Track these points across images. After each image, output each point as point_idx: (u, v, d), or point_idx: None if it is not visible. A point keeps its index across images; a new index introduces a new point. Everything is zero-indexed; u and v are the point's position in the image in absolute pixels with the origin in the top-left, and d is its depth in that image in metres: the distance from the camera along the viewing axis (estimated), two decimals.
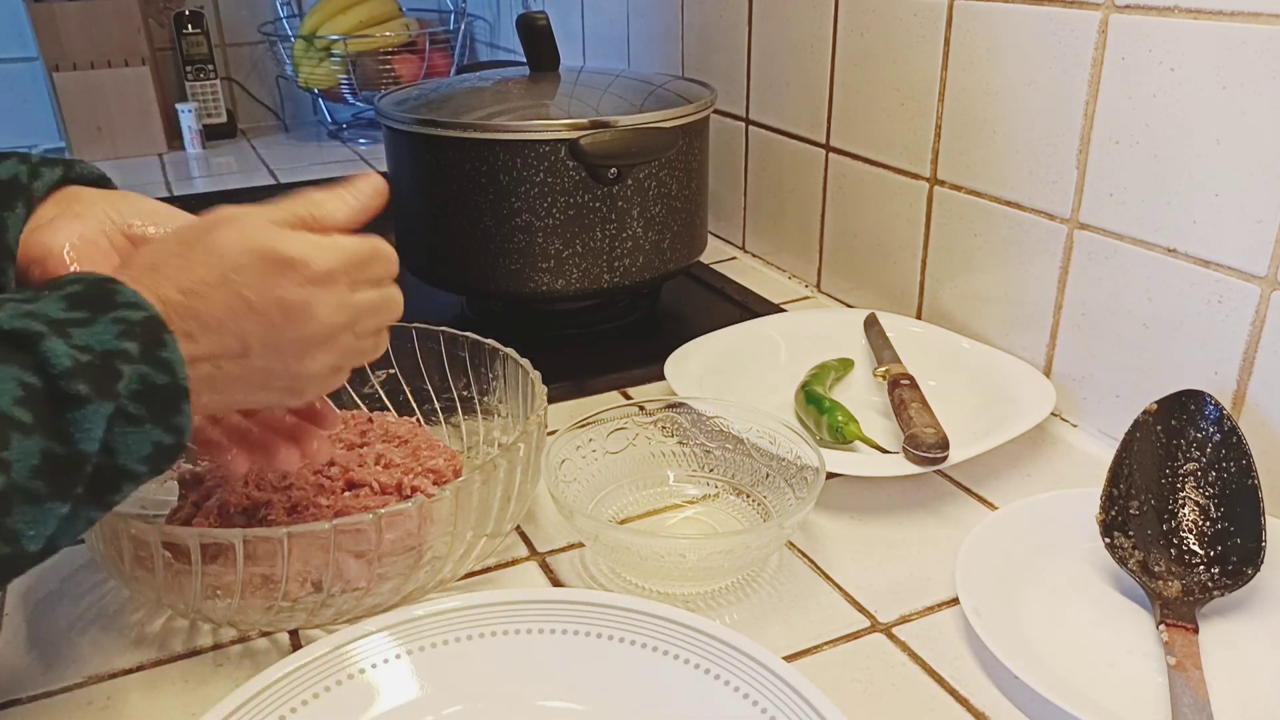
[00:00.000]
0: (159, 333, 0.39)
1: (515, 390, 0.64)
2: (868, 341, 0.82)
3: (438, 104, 0.84)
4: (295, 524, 0.52)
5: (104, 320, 0.38)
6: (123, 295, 0.40)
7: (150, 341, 0.39)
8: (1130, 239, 0.66)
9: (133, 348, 0.38)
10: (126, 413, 0.38)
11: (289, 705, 0.44)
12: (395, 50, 1.66)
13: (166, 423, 0.39)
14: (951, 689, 0.50)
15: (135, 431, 0.38)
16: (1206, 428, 0.57)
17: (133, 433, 0.38)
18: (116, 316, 0.39)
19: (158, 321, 0.40)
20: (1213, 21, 0.58)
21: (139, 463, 0.39)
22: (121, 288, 0.40)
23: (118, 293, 0.40)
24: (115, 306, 0.39)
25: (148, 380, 0.38)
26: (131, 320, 0.39)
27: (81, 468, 0.37)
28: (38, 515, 0.36)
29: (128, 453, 0.38)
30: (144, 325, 0.39)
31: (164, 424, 0.39)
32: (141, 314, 0.39)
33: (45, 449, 0.36)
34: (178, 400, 0.40)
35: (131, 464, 0.39)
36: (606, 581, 0.58)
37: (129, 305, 0.39)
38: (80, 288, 0.39)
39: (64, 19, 1.54)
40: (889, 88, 0.84)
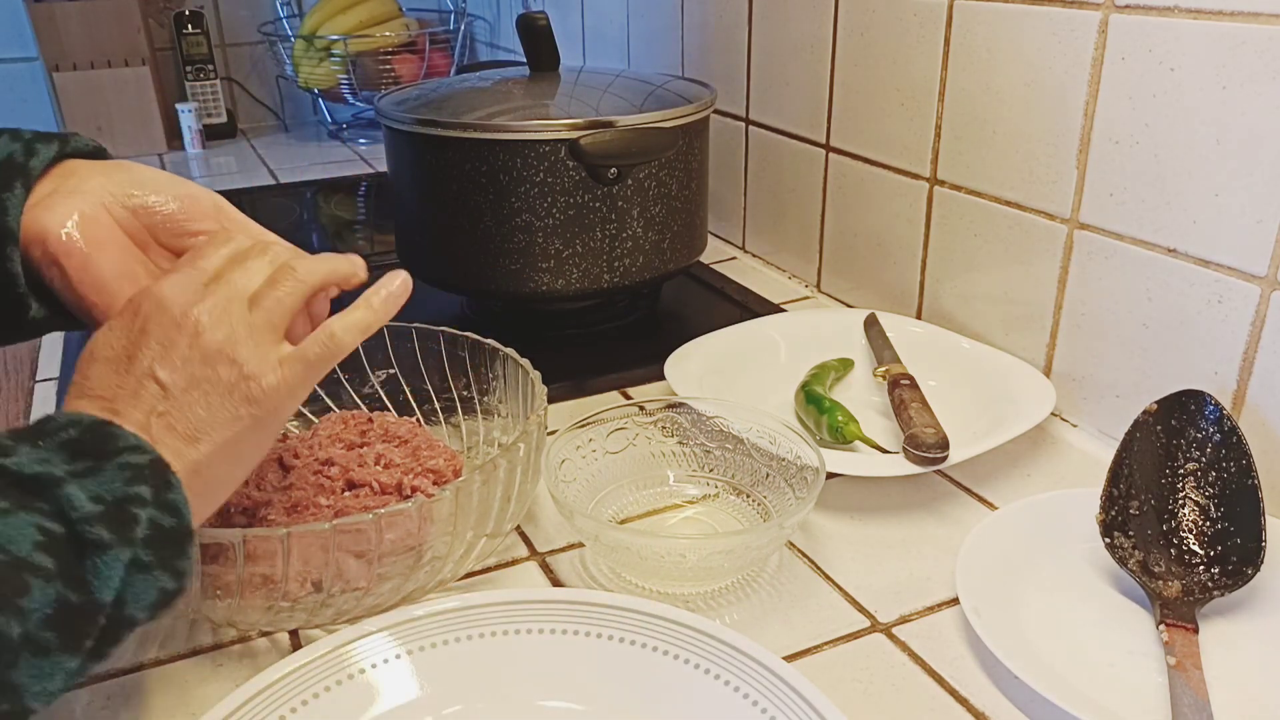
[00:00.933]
0: (165, 475, 0.39)
1: (515, 390, 0.64)
2: (868, 341, 0.82)
3: (438, 104, 0.84)
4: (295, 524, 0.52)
5: (110, 467, 0.38)
6: (124, 439, 0.39)
7: (159, 484, 0.38)
8: (1130, 239, 0.66)
9: (145, 491, 0.38)
10: (140, 560, 0.37)
11: (289, 705, 0.44)
12: (395, 50, 1.66)
13: (173, 568, 0.38)
14: (951, 689, 0.50)
15: (145, 578, 0.37)
16: (1206, 428, 0.57)
17: (142, 579, 0.37)
18: (122, 462, 0.38)
19: (161, 463, 0.39)
20: (1213, 21, 0.58)
21: (144, 610, 0.38)
22: (121, 431, 0.39)
23: (118, 436, 0.39)
24: (119, 451, 0.38)
25: (156, 524, 0.38)
26: (138, 464, 0.38)
27: (95, 618, 0.36)
28: (45, 669, 0.34)
29: (136, 601, 0.37)
30: (151, 468, 0.39)
31: (170, 569, 0.38)
32: (146, 457, 0.39)
33: (61, 597, 0.34)
34: (184, 544, 0.39)
35: (137, 612, 0.38)
36: (606, 581, 0.58)
37: (132, 449, 0.39)
38: (77, 433, 0.38)
39: (64, 19, 1.54)
40: (889, 88, 0.84)
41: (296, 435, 0.65)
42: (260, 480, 0.58)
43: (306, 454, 0.61)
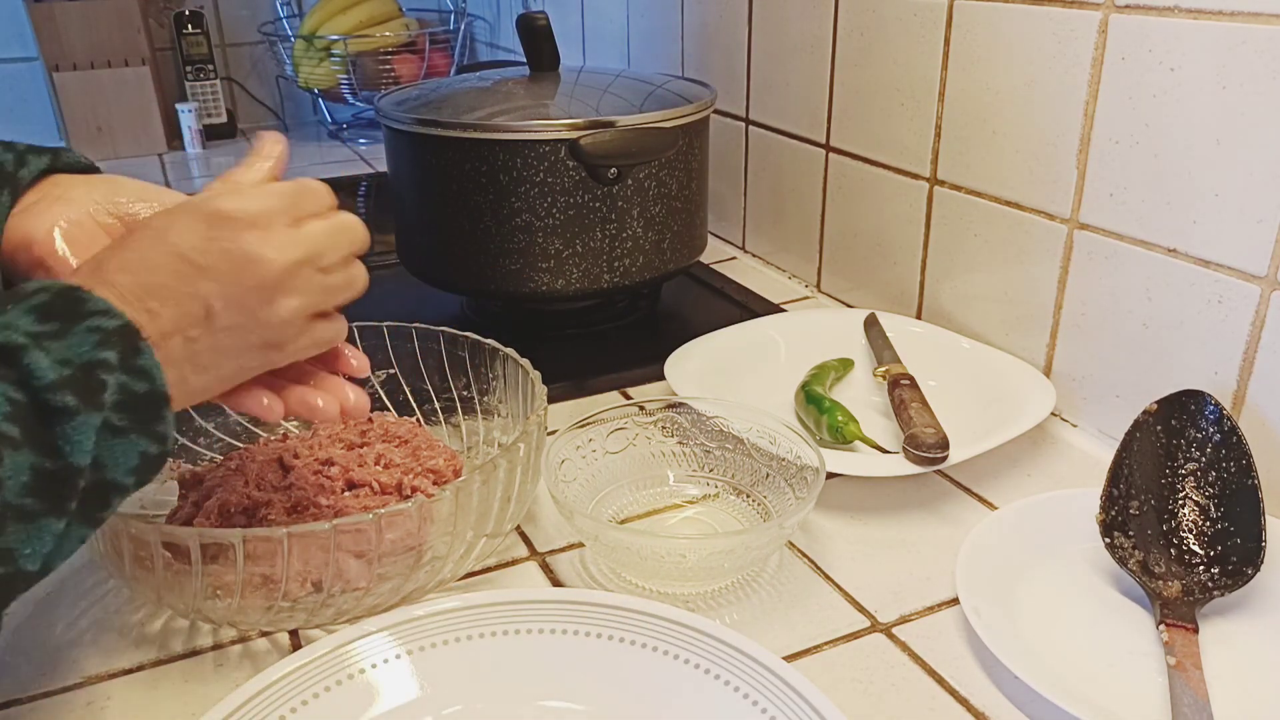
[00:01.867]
0: (134, 340, 0.39)
1: (515, 390, 0.64)
2: (868, 341, 0.82)
3: (438, 104, 0.84)
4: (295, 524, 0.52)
5: (78, 330, 0.37)
6: (93, 303, 0.39)
7: (127, 349, 0.38)
8: (1130, 239, 0.66)
9: (112, 356, 0.38)
10: (112, 424, 0.37)
11: (289, 705, 0.44)
12: (395, 50, 1.66)
13: (151, 431, 0.39)
14: (951, 689, 0.50)
15: (122, 443, 0.38)
16: (1206, 428, 0.57)
17: (119, 444, 0.38)
18: (91, 325, 0.38)
19: (131, 329, 0.39)
20: (1213, 21, 0.58)
21: (126, 474, 0.39)
22: (90, 296, 0.39)
23: (87, 300, 0.39)
24: (87, 315, 0.38)
25: (128, 389, 0.38)
26: (106, 329, 0.38)
27: (74, 482, 0.36)
28: (33, 533, 0.35)
29: (115, 465, 0.38)
30: (119, 333, 0.38)
31: (148, 433, 0.39)
32: (115, 321, 0.39)
33: (35, 464, 0.35)
34: (159, 407, 0.39)
35: (120, 476, 0.38)
36: (606, 581, 0.58)
37: (101, 313, 0.39)
38: (47, 297, 0.38)
39: (64, 19, 1.54)
40: (889, 88, 0.84)
41: (296, 435, 0.65)
42: (260, 480, 0.58)
43: (306, 454, 0.61)
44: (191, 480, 0.60)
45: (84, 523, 0.38)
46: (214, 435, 0.66)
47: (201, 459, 0.65)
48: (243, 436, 0.68)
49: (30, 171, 0.50)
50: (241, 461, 0.60)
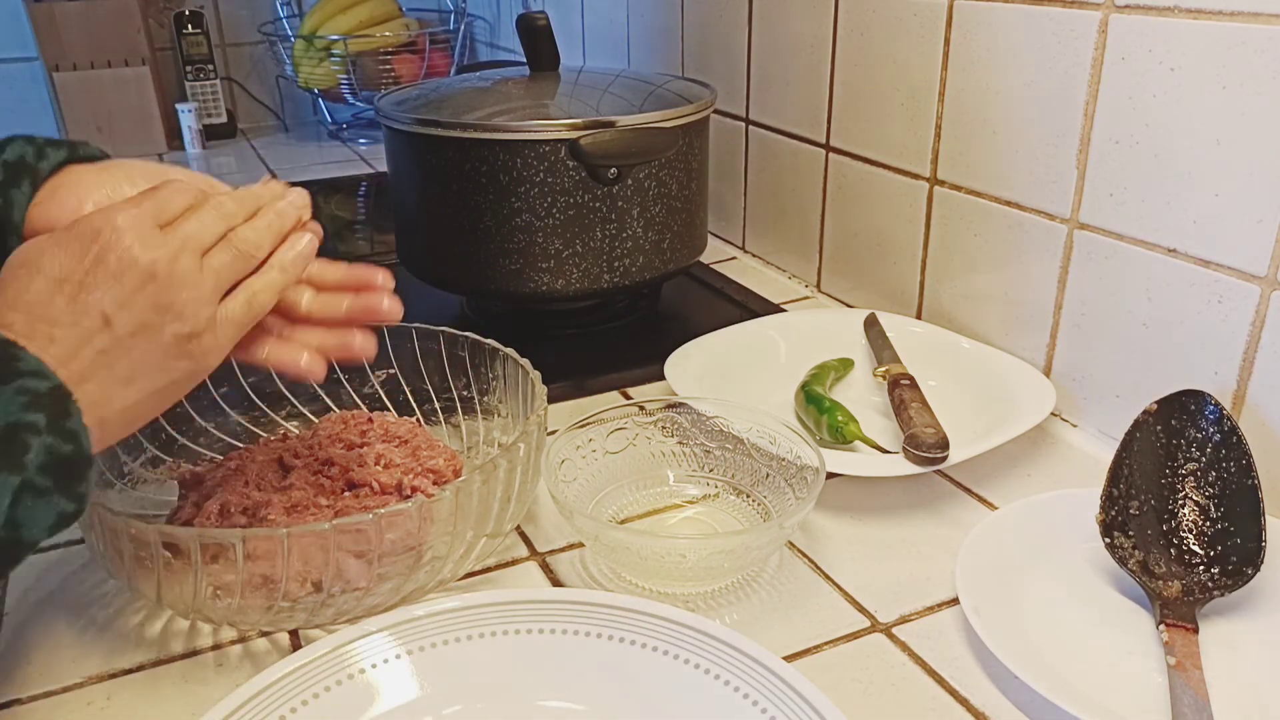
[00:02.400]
0: (64, 402, 0.39)
1: (515, 390, 0.64)
2: (868, 341, 0.82)
3: (438, 104, 0.84)
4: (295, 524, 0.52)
5: (8, 390, 0.38)
6: (25, 363, 0.39)
7: (57, 412, 0.39)
8: (1130, 239, 0.66)
9: (39, 420, 0.38)
10: (34, 485, 0.37)
11: (289, 705, 0.44)
12: (395, 50, 1.66)
13: (71, 492, 0.39)
14: (951, 689, 0.50)
15: (42, 503, 0.38)
16: (1206, 428, 0.57)
17: (40, 505, 0.38)
18: (21, 386, 0.38)
19: (63, 391, 0.39)
20: (1213, 21, 0.58)
21: (41, 531, 0.39)
22: (23, 354, 0.39)
23: (18, 359, 0.39)
24: (18, 375, 0.38)
25: (54, 451, 0.38)
26: (36, 391, 0.38)
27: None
28: None
29: (33, 524, 0.38)
30: (50, 395, 0.39)
31: (69, 493, 0.39)
32: (46, 384, 0.39)
33: None
34: (82, 469, 0.40)
35: (35, 534, 0.38)
36: (606, 581, 0.58)
37: (32, 374, 0.39)
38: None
39: (64, 19, 1.54)
40: (889, 88, 0.84)
41: (296, 435, 0.65)
42: (260, 480, 0.58)
43: (306, 454, 0.61)
44: (191, 480, 0.60)
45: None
46: (214, 435, 0.67)
47: (201, 459, 0.65)
48: (243, 437, 0.68)
49: (49, 164, 0.51)
50: (241, 461, 0.60)
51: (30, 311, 0.41)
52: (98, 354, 0.41)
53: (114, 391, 0.42)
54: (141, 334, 0.42)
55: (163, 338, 0.43)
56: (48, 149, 0.52)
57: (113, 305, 0.42)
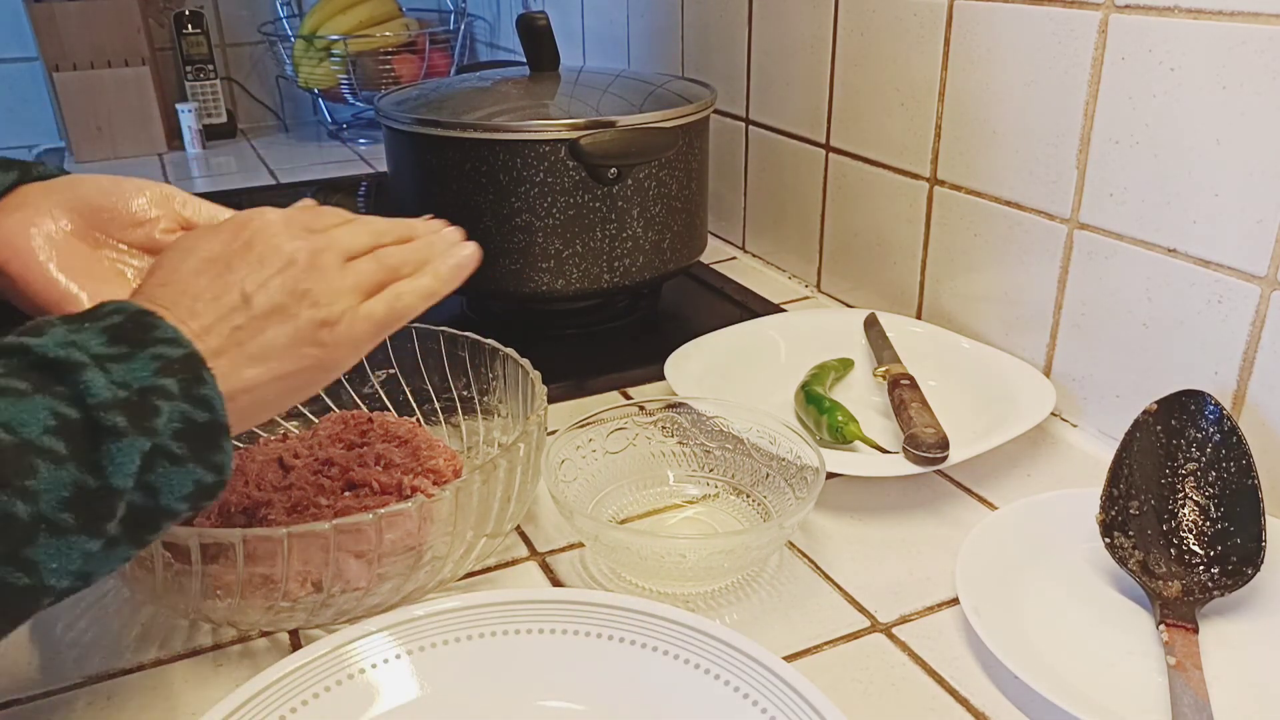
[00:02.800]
0: (198, 369, 0.40)
1: (515, 390, 0.64)
2: (868, 341, 0.82)
3: (438, 104, 0.84)
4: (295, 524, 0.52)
5: (143, 356, 0.38)
6: (162, 330, 0.40)
7: (189, 379, 0.39)
8: (1130, 239, 0.66)
9: (171, 384, 0.38)
10: (169, 451, 0.38)
11: (289, 705, 0.44)
12: (395, 50, 1.66)
13: (208, 461, 0.39)
14: (951, 689, 0.50)
15: (178, 470, 0.38)
16: (1206, 428, 0.57)
17: (176, 472, 0.38)
18: (155, 353, 0.39)
19: (196, 358, 0.40)
20: (1213, 21, 0.58)
21: (180, 501, 0.39)
22: (161, 322, 0.40)
23: (156, 327, 0.40)
24: (154, 342, 0.39)
25: (188, 418, 0.39)
26: (170, 357, 0.39)
27: (113, 503, 0.37)
28: (62, 549, 0.35)
29: (170, 492, 0.39)
30: (182, 362, 0.39)
31: (205, 462, 0.39)
32: (180, 350, 0.40)
33: (77, 480, 0.35)
34: (218, 437, 0.40)
35: (173, 503, 0.39)
36: (606, 581, 0.58)
37: (167, 341, 0.40)
38: (120, 319, 0.39)
39: (64, 19, 1.54)
40: (889, 88, 0.84)
41: (296, 435, 0.65)
42: (260, 480, 0.58)
43: (306, 454, 0.61)
44: None
45: (130, 544, 0.38)
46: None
47: None
48: (243, 437, 0.67)
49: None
50: (241, 461, 0.60)
51: (177, 287, 0.43)
52: (233, 330, 0.42)
53: (244, 369, 0.42)
54: (276, 314, 0.43)
55: (297, 321, 0.44)
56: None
57: (253, 284, 0.43)
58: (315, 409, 0.70)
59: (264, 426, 0.68)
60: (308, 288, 0.44)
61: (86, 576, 0.37)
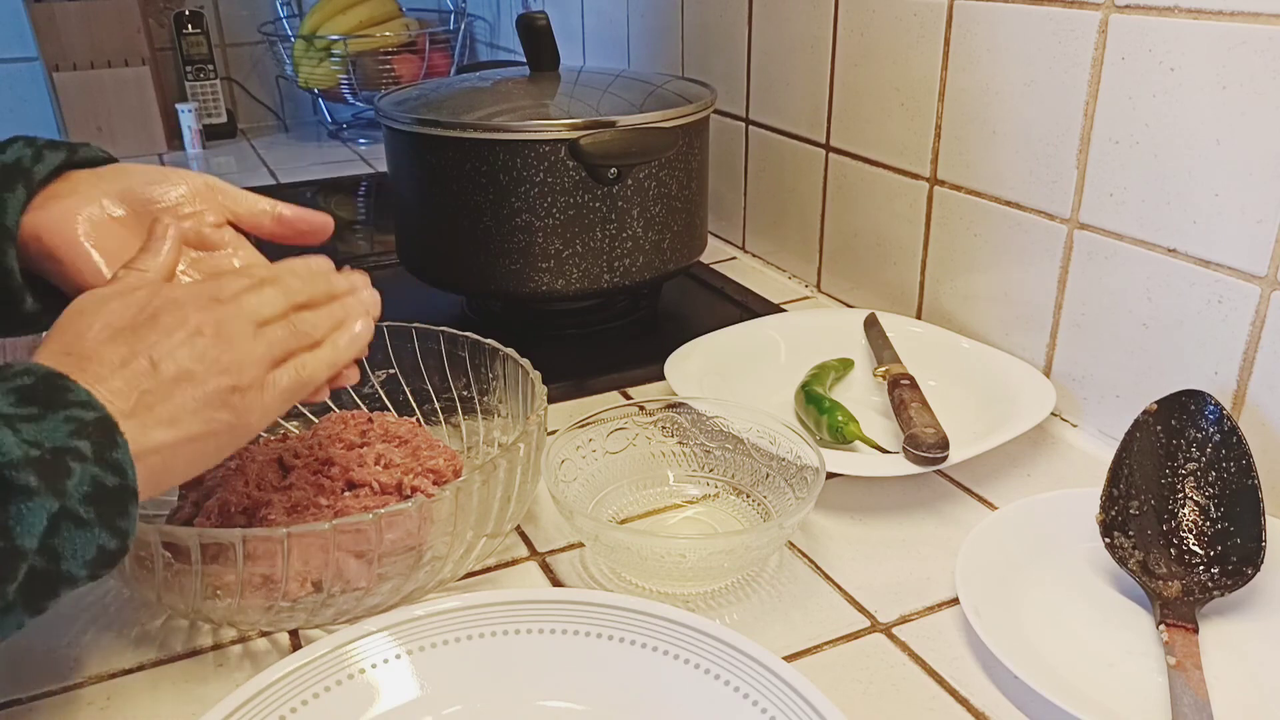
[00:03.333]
0: (111, 433, 0.39)
1: (515, 390, 0.64)
2: (868, 341, 0.82)
3: (438, 104, 0.84)
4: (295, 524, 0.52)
5: (55, 418, 0.38)
6: (75, 393, 0.39)
7: (103, 442, 0.39)
8: (1130, 239, 0.66)
9: (84, 446, 0.38)
10: (76, 515, 0.37)
11: (289, 705, 0.44)
12: (395, 50, 1.66)
13: (113, 526, 0.39)
14: (951, 689, 0.50)
15: (82, 534, 0.38)
16: (1206, 428, 0.57)
17: (80, 535, 0.38)
18: (69, 415, 0.38)
19: (109, 421, 0.39)
20: (1213, 21, 0.58)
21: (81, 566, 0.38)
22: (74, 385, 0.40)
23: (70, 390, 0.39)
24: (67, 405, 0.39)
25: (99, 481, 0.38)
26: (84, 419, 0.39)
27: (15, 566, 0.36)
28: None
29: (73, 556, 0.38)
30: (96, 425, 0.39)
31: (110, 527, 0.39)
32: (94, 414, 0.39)
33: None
34: (126, 502, 0.39)
35: (74, 568, 0.38)
36: (606, 581, 0.58)
37: (81, 404, 0.39)
38: (30, 380, 0.39)
39: (64, 19, 1.54)
40: (889, 88, 0.84)
41: (296, 435, 0.65)
42: (260, 480, 0.58)
43: (306, 454, 0.61)
44: (191, 480, 0.60)
45: (25, 609, 0.38)
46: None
47: None
48: None
49: (46, 166, 0.51)
50: (241, 461, 0.60)
51: (83, 354, 0.42)
52: (141, 394, 0.42)
53: (153, 431, 0.41)
54: (184, 380, 0.43)
55: (205, 387, 0.43)
56: (46, 151, 0.52)
57: (160, 353, 0.43)
58: (315, 409, 0.70)
59: None
60: (215, 356, 0.44)
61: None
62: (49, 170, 0.51)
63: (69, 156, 0.53)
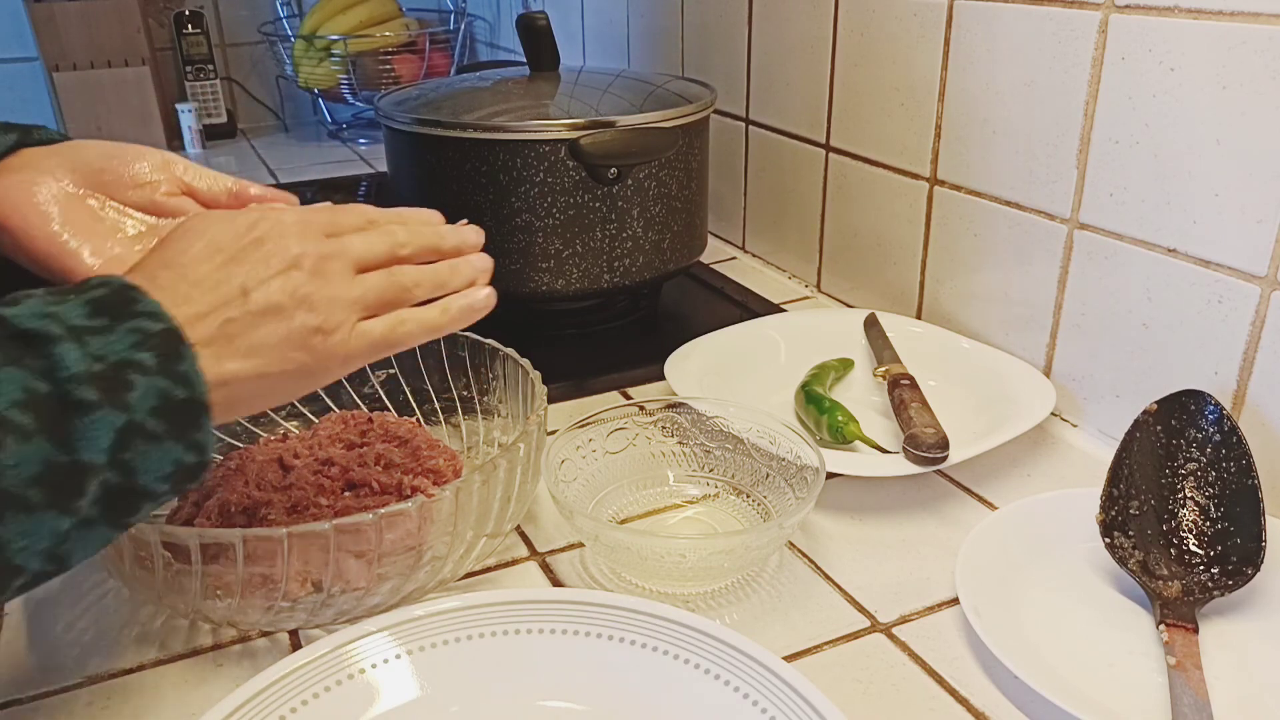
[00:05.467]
0: (176, 345, 0.39)
1: (515, 390, 0.64)
2: (868, 341, 0.82)
3: (438, 104, 0.84)
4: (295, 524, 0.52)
5: (121, 329, 0.38)
6: (143, 305, 0.39)
7: (168, 354, 0.38)
8: (1130, 239, 0.66)
9: (147, 358, 0.37)
10: (144, 429, 0.37)
11: (289, 705, 0.44)
12: (395, 50, 1.66)
13: (188, 439, 0.39)
14: (951, 689, 0.50)
15: (155, 449, 0.37)
16: (1206, 428, 0.57)
17: (153, 450, 0.37)
18: (134, 326, 0.38)
19: (175, 333, 0.39)
20: (1213, 21, 0.58)
21: (159, 481, 0.38)
22: (143, 297, 0.39)
23: (138, 301, 0.39)
24: (134, 315, 0.38)
25: (166, 394, 0.38)
26: (149, 330, 0.38)
27: (83, 480, 0.36)
28: (29, 527, 0.34)
29: (147, 471, 0.37)
30: (161, 336, 0.38)
31: (185, 440, 0.38)
32: (159, 325, 0.39)
33: (46, 456, 0.34)
34: (198, 416, 0.39)
35: (151, 483, 0.38)
36: (606, 581, 0.58)
37: (148, 315, 0.39)
38: (104, 292, 0.39)
39: (64, 19, 1.54)
40: (889, 88, 0.84)
41: (296, 435, 0.65)
42: (260, 480, 0.58)
43: (306, 454, 0.61)
44: None
45: (108, 525, 0.38)
46: (214, 435, 0.66)
47: None
48: (243, 437, 0.68)
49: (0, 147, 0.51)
50: (241, 461, 0.60)
51: (178, 270, 0.42)
52: (225, 321, 0.41)
53: (227, 361, 0.41)
54: (271, 314, 0.42)
55: (291, 323, 0.43)
56: None
57: (254, 281, 0.42)
58: (315, 409, 0.70)
59: (264, 427, 0.68)
60: (308, 293, 0.43)
61: (60, 559, 0.36)
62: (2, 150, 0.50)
63: (22, 137, 0.52)
